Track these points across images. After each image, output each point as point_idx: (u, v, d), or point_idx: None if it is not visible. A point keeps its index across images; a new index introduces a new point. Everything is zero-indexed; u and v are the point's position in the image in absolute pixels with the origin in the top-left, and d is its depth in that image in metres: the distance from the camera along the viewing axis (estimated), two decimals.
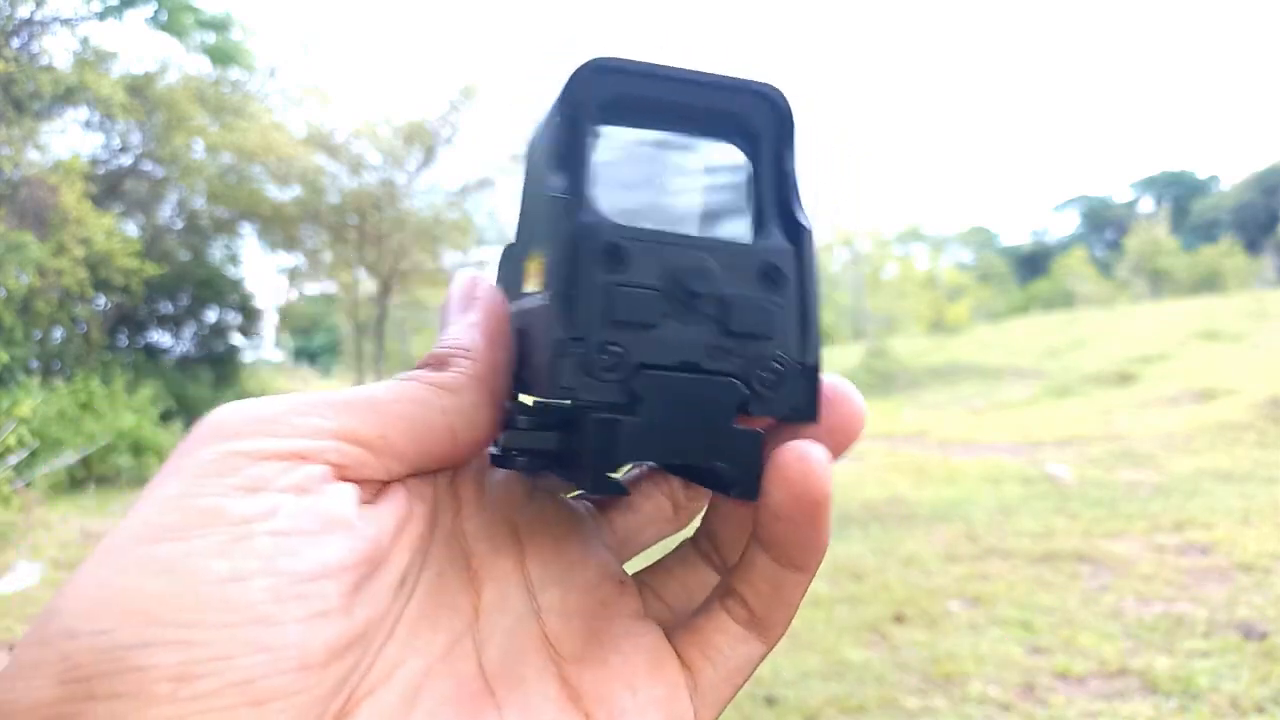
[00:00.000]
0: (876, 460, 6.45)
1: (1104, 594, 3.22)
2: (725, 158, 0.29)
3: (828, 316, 30.19)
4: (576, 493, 0.32)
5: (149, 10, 9.80)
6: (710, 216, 0.29)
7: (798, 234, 0.27)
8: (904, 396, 11.92)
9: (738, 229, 0.28)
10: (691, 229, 0.28)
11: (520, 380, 0.29)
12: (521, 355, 0.29)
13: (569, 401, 0.25)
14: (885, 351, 15.29)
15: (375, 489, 0.26)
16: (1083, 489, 4.98)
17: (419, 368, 0.28)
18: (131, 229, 10.43)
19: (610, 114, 0.27)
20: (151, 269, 8.99)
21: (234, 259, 12.22)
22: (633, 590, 0.30)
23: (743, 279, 0.26)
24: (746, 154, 0.28)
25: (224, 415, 0.24)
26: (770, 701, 2.45)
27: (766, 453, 0.26)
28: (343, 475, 0.24)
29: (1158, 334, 13.15)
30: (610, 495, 0.29)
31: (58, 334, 9.01)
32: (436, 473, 0.29)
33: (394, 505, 0.26)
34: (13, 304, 7.51)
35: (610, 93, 0.27)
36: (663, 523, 0.33)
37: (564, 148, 0.27)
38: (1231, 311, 14.29)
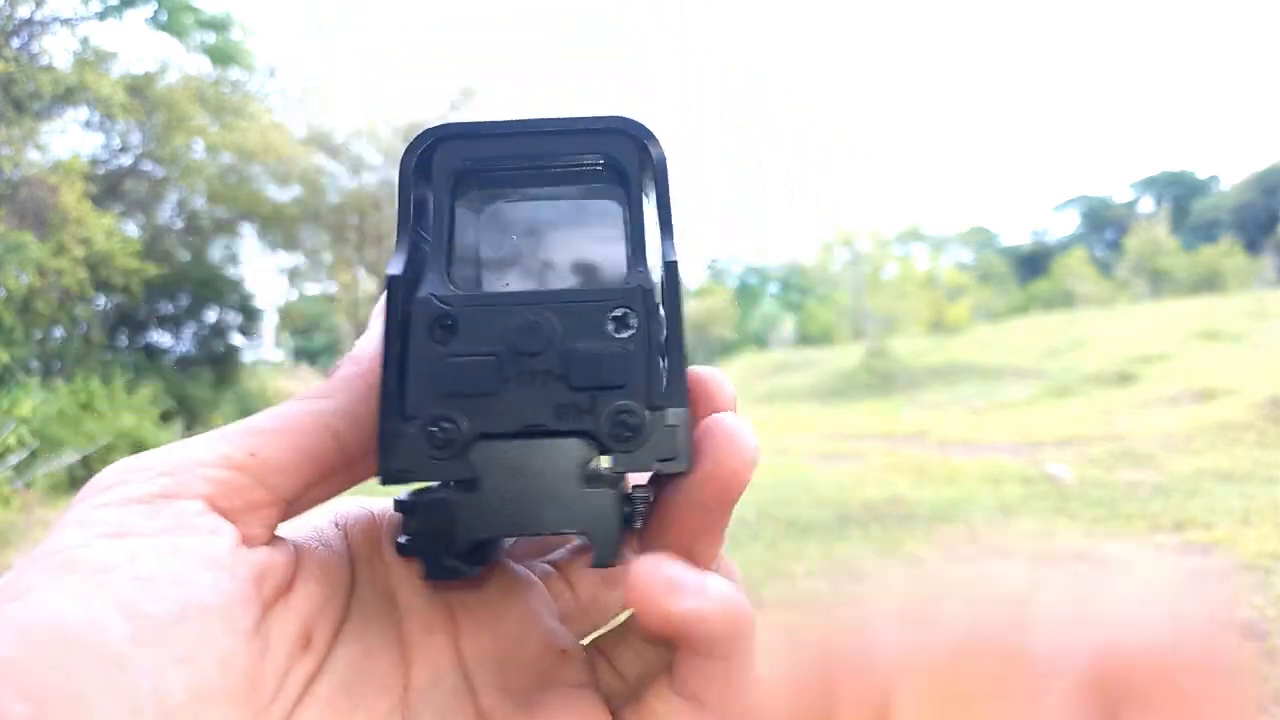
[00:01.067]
0: (876, 460, 6.45)
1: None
2: (600, 200, 0.28)
3: (828, 316, 30.21)
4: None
5: (149, 10, 9.81)
6: (587, 264, 0.28)
7: (661, 270, 0.26)
8: (904, 396, 11.92)
9: (614, 274, 0.27)
10: (567, 281, 0.27)
11: None
12: None
13: (412, 485, 0.24)
14: (885, 351, 15.29)
15: (263, 523, 0.24)
16: (1083, 489, 4.98)
17: None
18: (131, 229, 10.44)
19: (467, 182, 0.27)
20: (151, 269, 9.00)
21: (234, 259, 12.24)
22: (578, 660, 0.28)
23: (589, 328, 0.25)
24: (618, 193, 0.27)
25: (103, 472, 0.24)
26: None
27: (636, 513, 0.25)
28: (215, 506, 0.23)
29: (1158, 334, 13.15)
30: (453, 581, 0.26)
31: (58, 334, 9.02)
32: (348, 534, 0.28)
33: (285, 548, 0.25)
34: (13, 304, 7.51)
35: (461, 160, 0.26)
36: None
37: (401, 224, 0.26)
38: (1231, 311, 14.30)
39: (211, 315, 11.65)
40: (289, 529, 0.27)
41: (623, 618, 0.31)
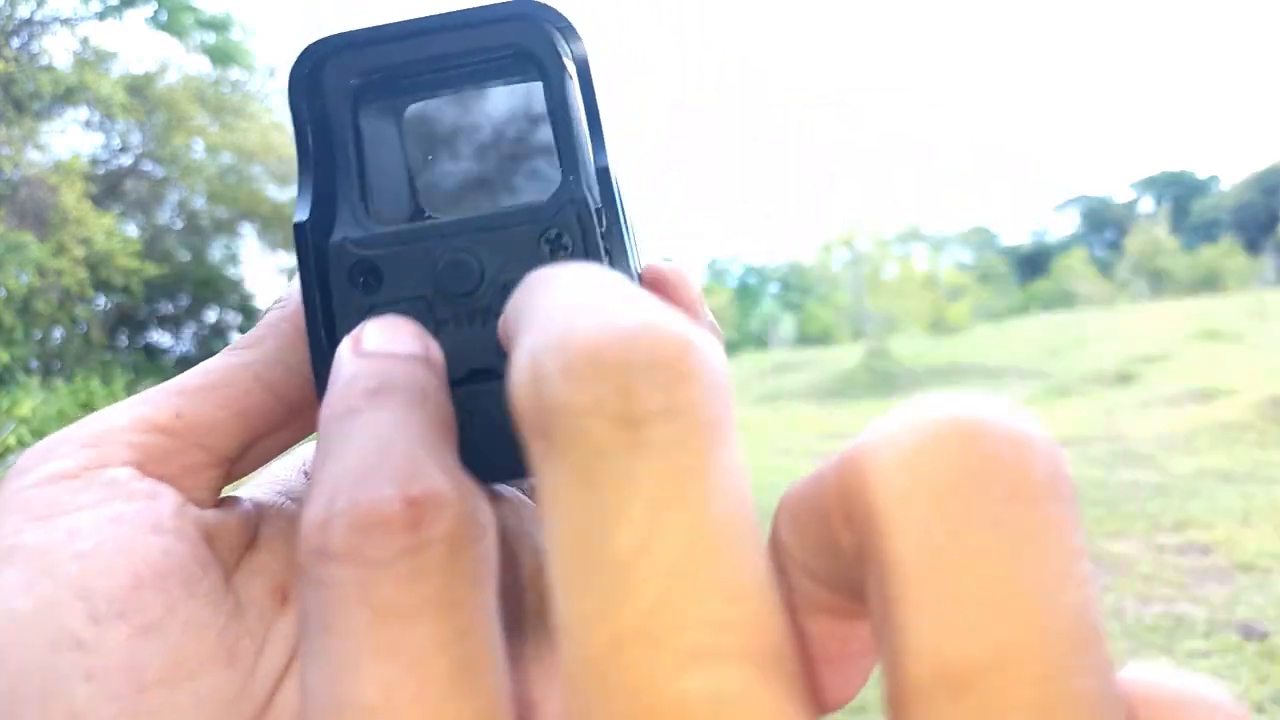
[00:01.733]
0: None
1: (1104, 594, 3.22)
2: (521, 100, 0.25)
3: (828, 316, 30.22)
4: None
5: (149, 10, 9.82)
6: (515, 174, 0.25)
7: (594, 180, 0.23)
8: (904, 396, 11.87)
9: (544, 184, 0.24)
10: (495, 198, 0.25)
11: None
12: None
13: None
14: (885, 351, 15.29)
15: (205, 486, 0.23)
16: (1083, 489, 4.98)
17: None
18: (131, 229, 10.45)
19: (366, 95, 0.24)
20: (151, 269, 9.01)
21: (234, 259, 12.24)
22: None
23: (522, 256, 0.22)
24: (540, 88, 0.24)
25: (22, 455, 0.22)
26: None
27: None
28: (147, 471, 0.22)
29: (1158, 334, 13.16)
30: None
31: (58, 334, 9.02)
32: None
33: (239, 506, 0.23)
34: (13, 304, 7.52)
35: (356, 73, 0.23)
36: None
37: (301, 155, 0.23)
38: (1231, 311, 14.31)
39: (211, 315, 11.66)
40: (252, 488, 0.25)
41: None
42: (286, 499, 0.25)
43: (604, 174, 0.23)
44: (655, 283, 0.23)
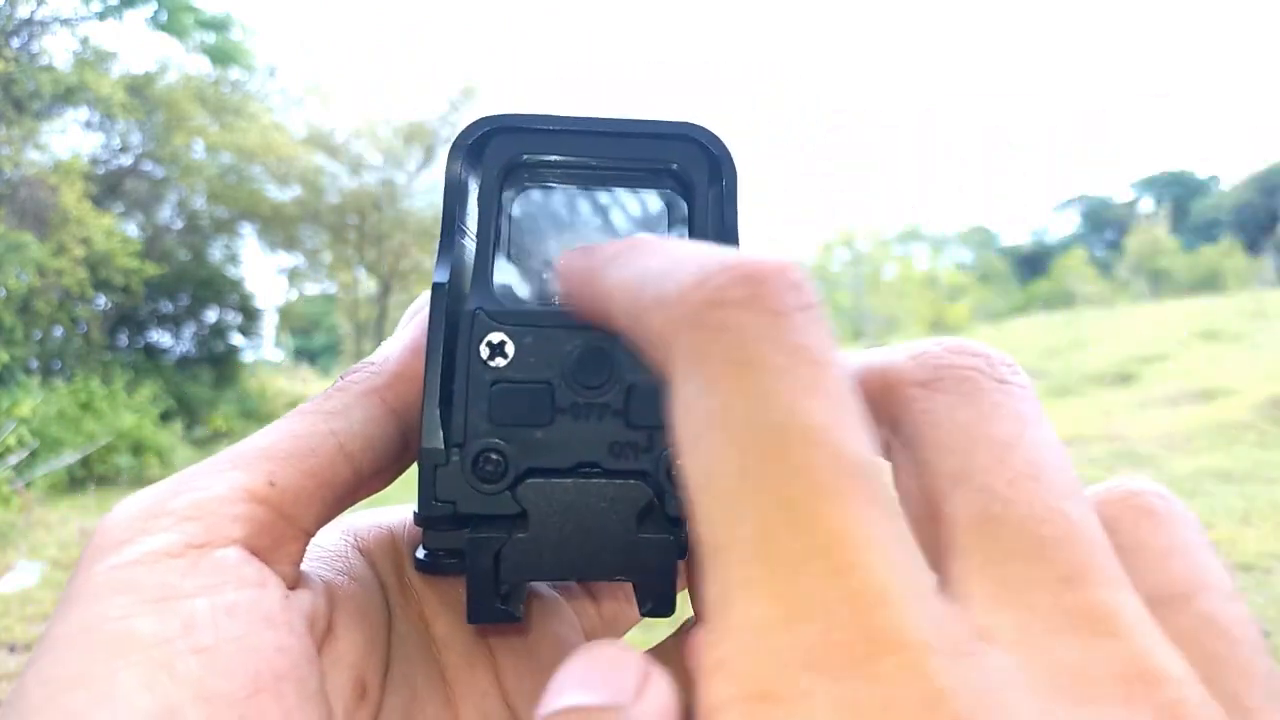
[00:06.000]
0: None
1: None
2: (658, 207, 0.26)
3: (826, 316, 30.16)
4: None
5: (149, 10, 9.82)
6: None
7: None
8: None
9: None
10: None
11: None
12: None
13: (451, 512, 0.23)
14: None
15: (291, 560, 0.23)
16: None
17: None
18: (131, 229, 10.45)
19: (515, 178, 0.25)
20: (151, 269, 9.01)
21: (234, 259, 12.23)
22: None
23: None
24: (681, 201, 0.25)
25: (113, 518, 0.21)
26: None
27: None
28: (251, 549, 0.21)
29: (1158, 334, 13.15)
30: (496, 624, 0.24)
31: (58, 334, 9.02)
32: (372, 561, 0.26)
33: (318, 587, 0.23)
34: (13, 304, 7.52)
35: (513, 155, 0.24)
36: None
37: (447, 224, 0.24)
38: (1231, 311, 14.29)
39: (211, 315, 11.65)
40: (309, 563, 0.24)
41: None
42: (348, 578, 0.25)
43: None
44: None
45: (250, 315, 12.04)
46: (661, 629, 0.27)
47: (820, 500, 0.14)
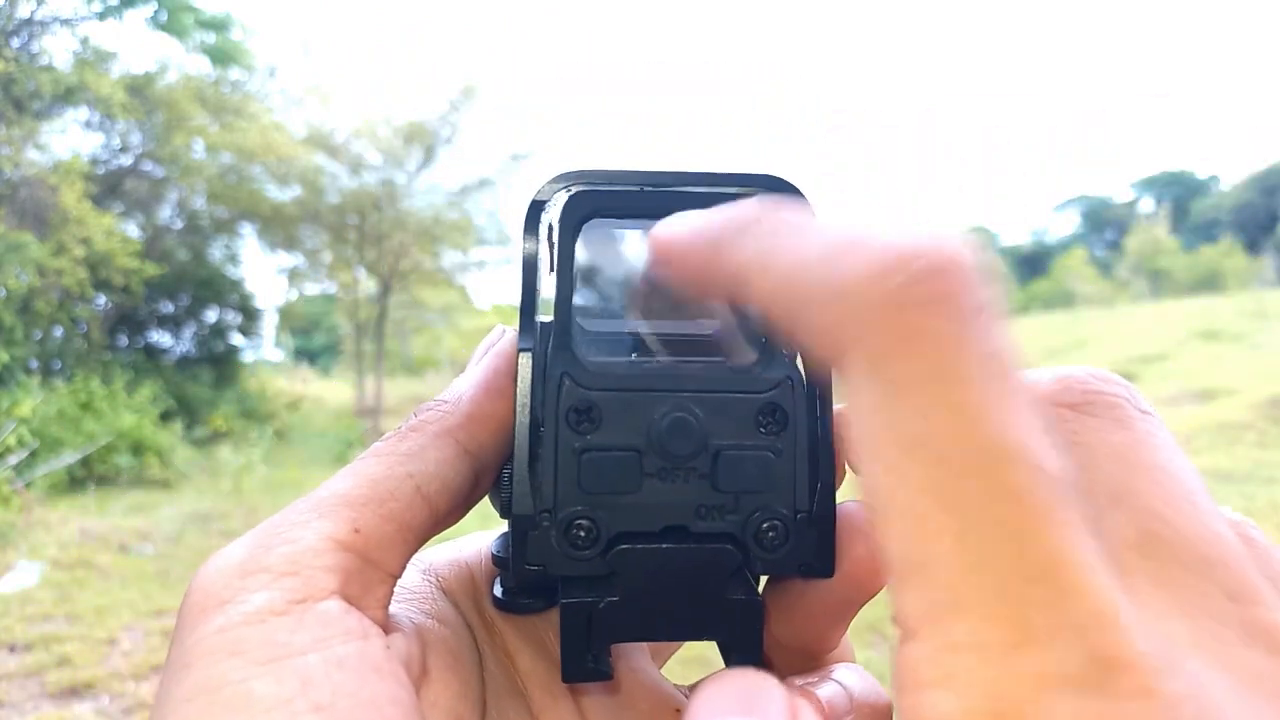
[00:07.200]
0: None
1: None
2: None
3: None
4: None
5: (149, 10, 9.82)
6: (715, 334, 0.26)
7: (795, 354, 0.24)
8: None
9: (744, 349, 0.25)
10: (693, 350, 0.25)
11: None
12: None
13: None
14: None
15: (381, 605, 0.23)
16: None
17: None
18: (131, 229, 10.45)
19: (598, 231, 0.25)
20: (151, 269, 9.01)
21: (234, 259, 12.23)
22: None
23: (736, 421, 0.23)
24: None
25: (208, 576, 0.21)
26: None
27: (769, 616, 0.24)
28: (348, 599, 0.21)
29: (1158, 334, 13.15)
30: (588, 683, 0.25)
31: (58, 334, 9.02)
32: (455, 601, 0.26)
33: (410, 631, 0.24)
34: (13, 304, 7.52)
35: (590, 209, 0.24)
36: None
37: (527, 287, 0.24)
38: (1231, 311, 14.30)
39: (211, 315, 11.65)
40: (396, 605, 0.25)
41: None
42: (435, 620, 0.25)
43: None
44: (846, 538, 0.24)
45: (250, 315, 12.03)
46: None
47: (1031, 520, 0.14)
